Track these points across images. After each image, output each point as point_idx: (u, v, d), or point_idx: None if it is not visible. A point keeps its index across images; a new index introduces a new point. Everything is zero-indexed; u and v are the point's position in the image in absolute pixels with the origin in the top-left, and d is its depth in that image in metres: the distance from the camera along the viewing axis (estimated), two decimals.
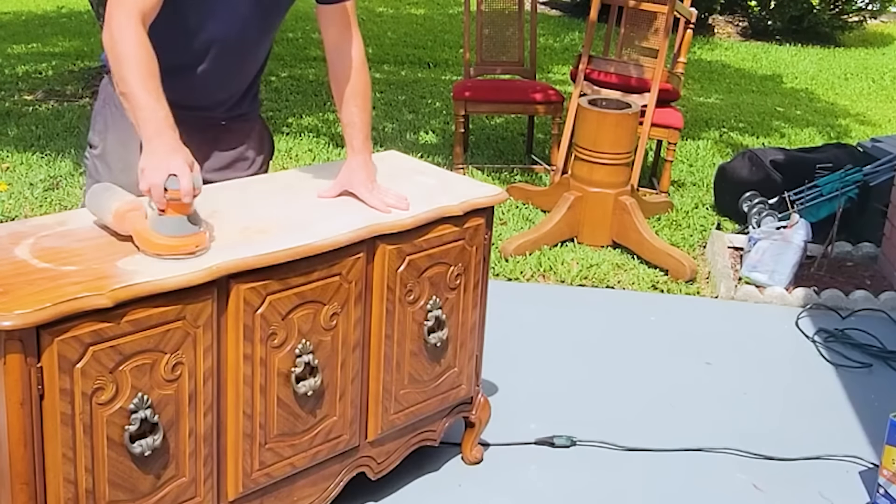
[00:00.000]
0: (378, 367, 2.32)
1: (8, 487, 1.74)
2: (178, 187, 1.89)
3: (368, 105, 2.39)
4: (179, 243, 1.91)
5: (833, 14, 10.09)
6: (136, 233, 1.93)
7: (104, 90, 2.39)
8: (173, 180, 1.89)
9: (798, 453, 2.86)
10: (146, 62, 1.97)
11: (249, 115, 2.49)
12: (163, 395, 1.89)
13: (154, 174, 1.89)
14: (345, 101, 2.37)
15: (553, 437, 2.84)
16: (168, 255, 1.90)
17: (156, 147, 1.93)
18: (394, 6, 10.79)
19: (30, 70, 7.13)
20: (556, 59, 8.46)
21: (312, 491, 2.28)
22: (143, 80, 1.96)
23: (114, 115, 2.33)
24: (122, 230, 1.97)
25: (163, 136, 1.94)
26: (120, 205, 1.97)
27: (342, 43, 2.36)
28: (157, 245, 1.90)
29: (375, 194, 2.29)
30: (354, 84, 2.36)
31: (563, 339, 3.52)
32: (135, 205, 1.97)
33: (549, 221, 4.29)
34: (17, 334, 1.66)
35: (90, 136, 2.41)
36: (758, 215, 4.34)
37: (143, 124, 1.95)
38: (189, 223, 1.92)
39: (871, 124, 7.01)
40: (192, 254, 1.92)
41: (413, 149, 5.52)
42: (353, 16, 2.37)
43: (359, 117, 2.36)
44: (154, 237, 1.91)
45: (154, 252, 1.90)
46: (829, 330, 3.66)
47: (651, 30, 4.86)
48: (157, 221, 1.91)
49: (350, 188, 2.32)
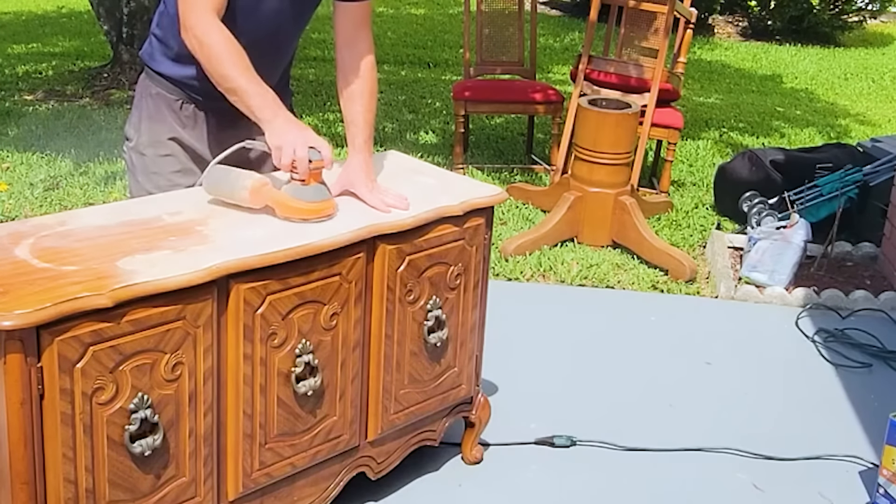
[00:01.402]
0: (378, 367, 2.32)
1: (8, 487, 1.74)
2: (321, 157, 2.11)
3: (373, 105, 2.41)
4: (322, 207, 2.14)
5: (833, 14, 10.10)
6: (280, 203, 2.13)
7: (140, 85, 2.45)
8: (314, 152, 2.11)
9: (798, 453, 2.86)
10: (238, 54, 2.13)
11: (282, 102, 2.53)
12: (163, 394, 1.89)
13: (296, 148, 2.09)
14: (350, 100, 2.38)
15: (553, 437, 2.84)
16: (314, 219, 2.12)
17: (280, 126, 2.12)
18: (394, 6, 10.79)
19: (30, 70, 7.13)
20: (556, 59, 8.47)
21: (312, 491, 2.29)
22: (243, 71, 2.12)
23: (148, 109, 2.40)
24: (258, 204, 2.15)
25: (281, 116, 2.13)
26: (253, 181, 2.14)
27: (355, 42, 2.38)
28: (304, 210, 2.12)
29: (375, 194, 2.30)
30: (362, 83, 2.38)
31: (563, 339, 3.52)
32: (265, 180, 2.17)
33: (549, 221, 4.29)
34: (17, 334, 1.66)
35: (126, 129, 2.47)
36: (758, 215, 4.34)
37: (259, 110, 2.12)
38: (325, 189, 2.16)
39: (871, 124, 7.02)
40: (330, 216, 2.15)
41: (413, 149, 5.52)
42: (368, 17, 2.39)
43: (362, 116, 2.37)
44: (301, 204, 2.12)
45: (301, 217, 2.12)
46: (829, 330, 3.66)
47: (651, 30, 4.86)
48: (300, 190, 2.13)
49: (350, 187, 2.33)
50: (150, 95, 2.40)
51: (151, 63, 2.40)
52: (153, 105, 2.39)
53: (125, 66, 6.77)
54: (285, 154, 2.10)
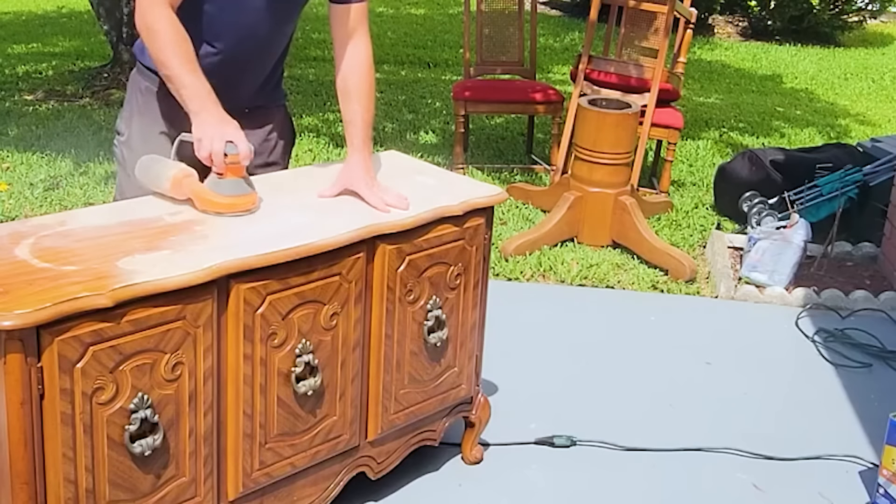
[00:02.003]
0: (378, 366, 2.32)
1: (8, 487, 1.74)
2: (237, 151, 2.11)
3: (372, 105, 2.42)
4: (238, 202, 2.14)
5: (833, 14, 10.10)
6: (197, 195, 2.14)
7: (132, 79, 2.47)
8: (230, 146, 2.11)
9: (798, 453, 2.86)
10: (182, 43, 2.14)
11: (271, 104, 2.53)
12: (163, 394, 1.89)
13: (213, 142, 2.10)
14: (349, 99, 2.39)
15: (553, 437, 2.84)
16: (229, 213, 2.12)
17: (206, 119, 2.13)
18: (394, 6, 10.79)
19: (30, 70, 7.13)
20: (556, 59, 8.47)
21: (312, 491, 2.29)
22: (183, 60, 2.13)
23: (138, 104, 2.42)
24: (179, 195, 2.16)
25: (209, 109, 2.14)
26: (176, 172, 2.16)
27: (352, 43, 2.39)
28: (218, 204, 2.12)
29: (375, 192, 2.30)
30: (360, 83, 2.39)
31: (563, 339, 3.52)
32: (188, 171, 2.17)
33: (549, 221, 4.29)
34: (17, 334, 1.66)
35: (118, 123, 2.49)
36: (758, 215, 4.34)
37: (189, 101, 2.14)
38: (245, 184, 2.15)
39: (871, 124, 7.02)
40: (248, 211, 2.15)
41: (413, 149, 5.52)
42: (364, 17, 2.41)
43: (361, 116, 2.38)
44: (216, 197, 2.12)
45: (215, 210, 2.12)
46: (829, 330, 3.66)
47: (651, 30, 4.86)
48: (217, 184, 2.13)
49: (351, 186, 2.33)
50: (140, 90, 2.41)
51: (142, 58, 2.40)
52: (143, 100, 2.40)
53: (125, 66, 6.76)
54: (203, 146, 2.11)
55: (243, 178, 2.15)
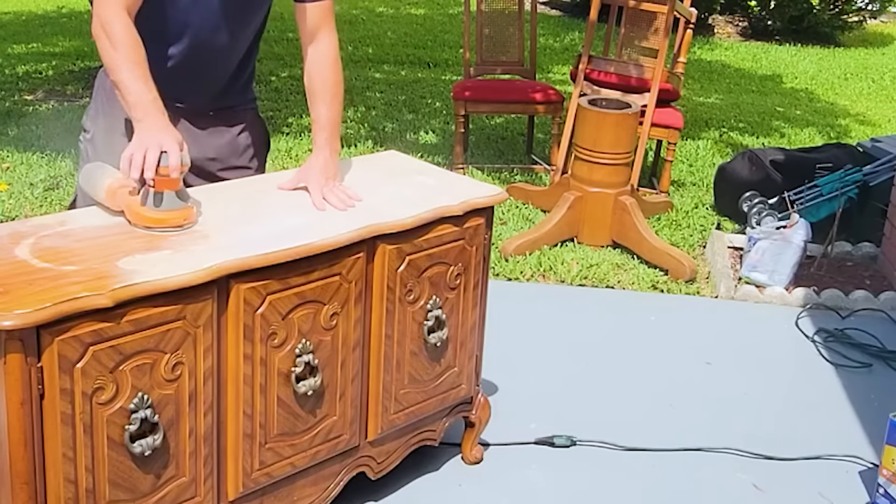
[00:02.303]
0: (378, 366, 2.32)
1: (8, 487, 1.74)
2: (167, 163, 2.01)
3: (337, 103, 2.41)
4: (169, 217, 2.02)
5: (833, 14, 10.10)
6: (128, 207, 2.05)
7: (98, 78, 2.45)
8: (163, 157, 2.01)
9: (798, 453, 2.86)
10: (133, 49, 2.09)
11: (238, 107, 2.51)
12: (163, 394, 1.89)
13: (146, 151, 2.01)
14: (314, 99, 2.39)
15: (553, 437, 2.84)
16: (157, 228, 2.01)
17: (145, 127, 2.06)
18: (394, 6, 10.79)
19: (30, 70, 7.13)
20: (556, 59, 8.46)
21: (312, 490, 2.29)
22: (131, 66, 2.08)
23: (104, 103, 2.39)
24: (114, 206, 2.08)
25: (151, 118, 2.06)
26: (111, 182, 2.08)
27: (318, 41, 2.39)
28: (147, 219, 2.02)
29: (320, 190, 2.30)
30: (326, 81, 2.39)
31: (563, 339, 3.52)
32: (125, 182, 2.07)
33: (549, 221, 4.29)
34: (17, 334, 1.66)
35: (84, 120, 2.47)
36: (758, 215, 4.34)
37: (133, 108, 2.08)
38: (178, 198, 2.04)
39: (871, 124, 7.02)
40: (180, 227, 2.03)
41: (413, 149, 5.52)
42: (329, 15, 2.39)
43: (325, 115, 2.38)
44: (144, 211, 2.02)
45: (144, 225, 2.02)
46: (829, 330, 3.66)
47: (651, 30, 4.86)
48: (147, 196, 2.02)
49: (305, 184, 2.34)
50: (105, 89, 2.38)
51: None
52: (107, 99, 2.37)
53: None
54: (135, 155, 2.02)
55: (176, 192, 2.04)
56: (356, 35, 9.06)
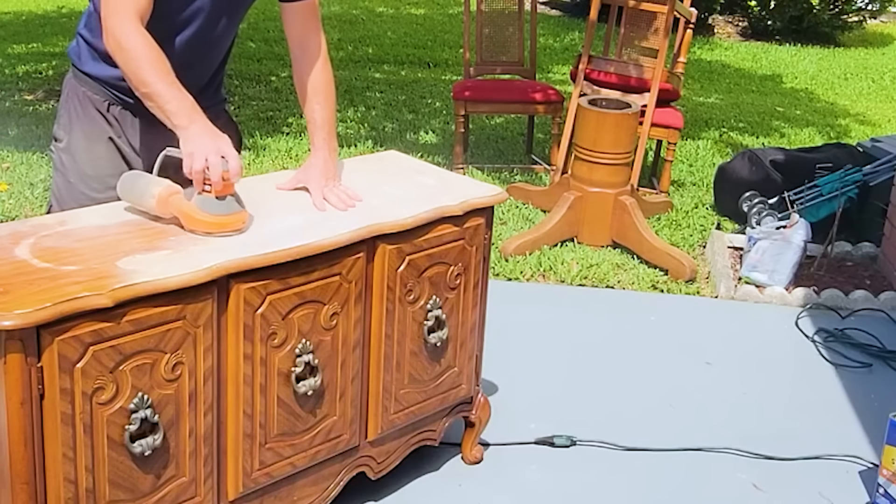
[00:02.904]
0: (378, 366, 2.32)
1: (8, 487, 1.74)
2: (227, 168, 2.02)
3: (331, 102, 2.41)
4: (229, 221, 2.04)
5: (833, 14, 10.09)
6: (185, 214, 2.04)
7: (67, 85, 2.40)
8: (223, 162, 2.02)
9: (798, 453, 2.86)
10: (158, 59, 2.08)
11: (213, 108, 2.42)
12: (163, 394, 1.89)
13: (207, 156, 2.01)
14: (307, 99, 2.39)
15: (553, 437, 2.84)
16: (218, 233, 2.03)
17: (195, 133, 2.05)
18: (394, 6, 10.79)
19: (30, 70, 7.13)
20: (556, 59, 8.46)
21: (312, 490, 2.29)
22: (162, 76, 2.07)
23: (76, 110, 2.35)
24: (165, 213, 2.07)
25: (197, 123, 2.06)
26: (161, 190, 2.06)
27: (306, 40, 2.38)
28: (208, 224, 2.02)
29: (320, 190, 2.29)
30: (316, 81, 2.38)
31: (563, 339, 3.52)
32: (174, 189, 2.07)
33: (549, 221, 4.29)
34: (17, 334, 1.66)
35: (55, 129, 2.41)
36: (758, 215, 4.34)
37: (175, 116, 2.06)
38: (235, 202, 2.06)
39: (871, 124, 7.02)
40: (238, 230, 2.05)
41: (413, 149, 5.52)
42: (315, 14, 2.39)
43: (319, 115, 2.38)
44: (205, 217, 2.02)
45: (205, 231, 2.02)
46: (828, 330, 3.66)
47: (651, 30, 4.86)
48: (206, 202, 2.03)
49: (305, 184, 2.34)
50: (77, 97, 2.34)
51: (79, 63, 2.35)
52: (81, 107, 2.33)
53: None
54: (196, 161, 2.02)
55: (233, 196, 2.06)
56: (356, 35, 9.06)
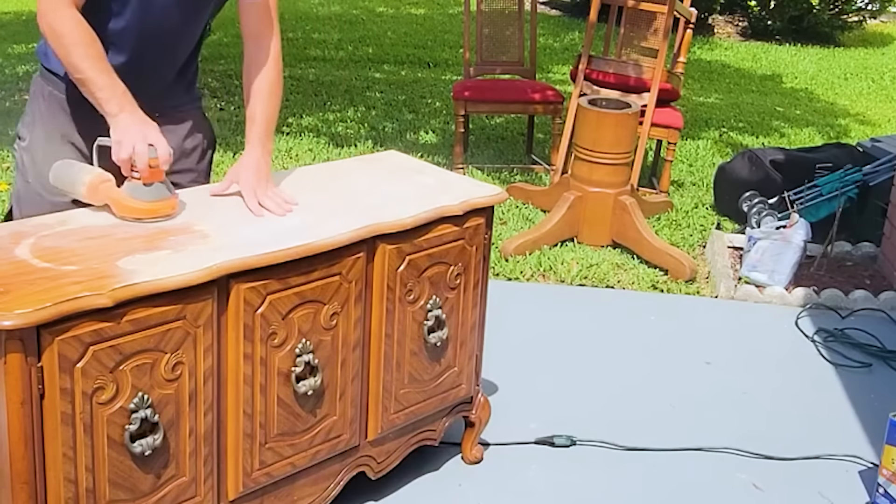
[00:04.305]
0: (378, 366, 2.32)
1: (8, 487, 1.74)
2: (157, 155, 2.06)
3: (275, 102, 2.36)
4: (157, 207, 2.08)
5: (833, 14, 10.10)
6: (115, 201, 2.07)
7: (34, 83, 2.38)
8: (151, 150, 2.05)
9: (798, 453, 2.86)
10: (91, 44, 2.07)
11: (182, 107, 2.44)
12: (163, 394, 1.89)
13: (134, 144, 2.03)
14: (252, 96, 2.34)
15: (553, 437, 2.84)
16: (148, 219, 2.06)
17: (124, 120, 2.06)
18: (394, 6, 10.79)
19: (30, 70, 7.13)
20: (556, 59, 8.47)
21: (313, 490, 2.29)
22: (94, 61, 2.07)
23: (41, 109, 2.34)
24: (96, 201, 2.10)
25: (126, 111, 2.07)
26: (92, 177, 2.09)
27: (260, 38, 2.34)
28: (138, 210, 2.06)
29: (256, 195, 2.24)
30: (263, 79, 2.33)
31: (563, 338, 3.52)
32: (105, 177, 2.10)
33: (549, 221, 4.29)
34: (17, 334, 1.66)
35: (19, 128, 2.40)
36: (757, 215, 4.34)
37: (105, 104, 2.07)
38: (165, 188, 2.09)
39: (871, 124, 7.02)
40: (168, 216, 2.09)
41: (413, 149, 5.52)
42: (271, 13, 2.34)
43: (260, 113, 2.33)
44: (134, 203, 2.06)
45: (134, 217, 2.06)
46: (828, 329, 3.66)
47: (651, 30, 4.87)
48: (136, 188, 2.06)
49: (236, 183, 2.29)
50: (42, 96, 2.33)
51: (45, 61, 2.32)
52: (46, 106, 2.31)
53: None
54: (123, 149, 2.03)
55: (163, 182, 2.08)
56: (356, 35, 9.06)
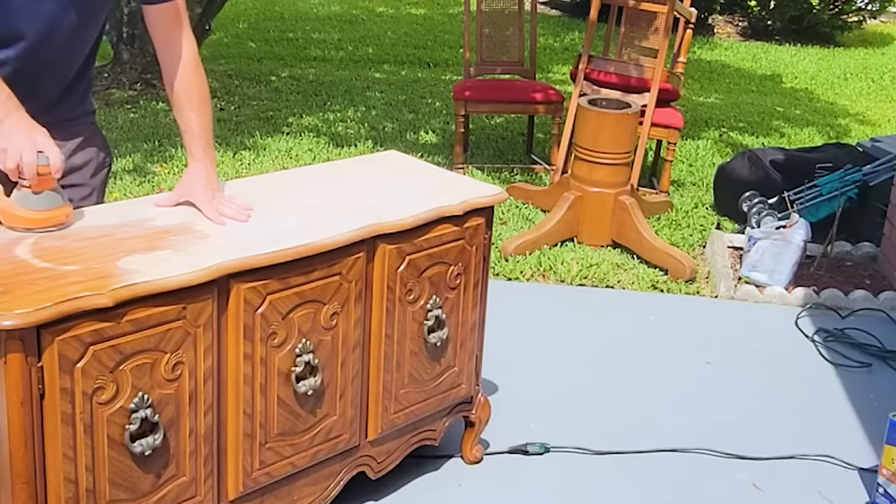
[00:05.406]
0: (378, 366, 2.32)
1: (8, 487, 1.74)
2: (47, 162, 1.93)
3: (206, 108, 2.24)
4: (48, 216, 1.98)
5: (833, 14, 10.10)
6: (2, 211, 1.97)
7: None
8: (41, 156, 1.93)
9: (798, 453, 2.86)
10: None
11: (75, 120, 2.28)
12: (163, 394, 1.89)
13: (22, 152, 1.91)
14: (181, 106, 2.22)
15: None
16: (39, 229, 1.96)
17: (10, 127, 1.93)
18: (394, 6, 10.79)
19: None
20: (556, 59, 8.47)
21: (313, 490, 2.29)
22: None
23: None
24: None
25: (13, 116, 1.95)
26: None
27: (171, 44, 2.22)
28: (26, 220, 1.96)
29: (213, 204, 2.18)
30: (188, 87, 2.22)
31: (562, 338, 3.52)
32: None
33: (549, 221, 4.29)
34: (17, 334, 1.66)
35: None
36: (757, 215, 4.34)
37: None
38: (57, 196, 1.99)
39: (871, 124, 7.02)
40: (60, 225, 1.99)
41: (413, 149, 5.52)
42: (183, 15, 2.23)
43: (196, 122, 2.22)
44: (22, 212, 1.96)
45: (24, 227, 1.96)
46: (828, 329, 3.66)
47: (651, 30, 4.87)
48: (24, 198, 1.96)
49: (189, 198, 2.21)
50: None
51: None
52: None
53: (125, 66, 6.77)
54: (10, 158, 1.91)
55: (54, 190, 1.98)
56: (356, 35, 9.06)
